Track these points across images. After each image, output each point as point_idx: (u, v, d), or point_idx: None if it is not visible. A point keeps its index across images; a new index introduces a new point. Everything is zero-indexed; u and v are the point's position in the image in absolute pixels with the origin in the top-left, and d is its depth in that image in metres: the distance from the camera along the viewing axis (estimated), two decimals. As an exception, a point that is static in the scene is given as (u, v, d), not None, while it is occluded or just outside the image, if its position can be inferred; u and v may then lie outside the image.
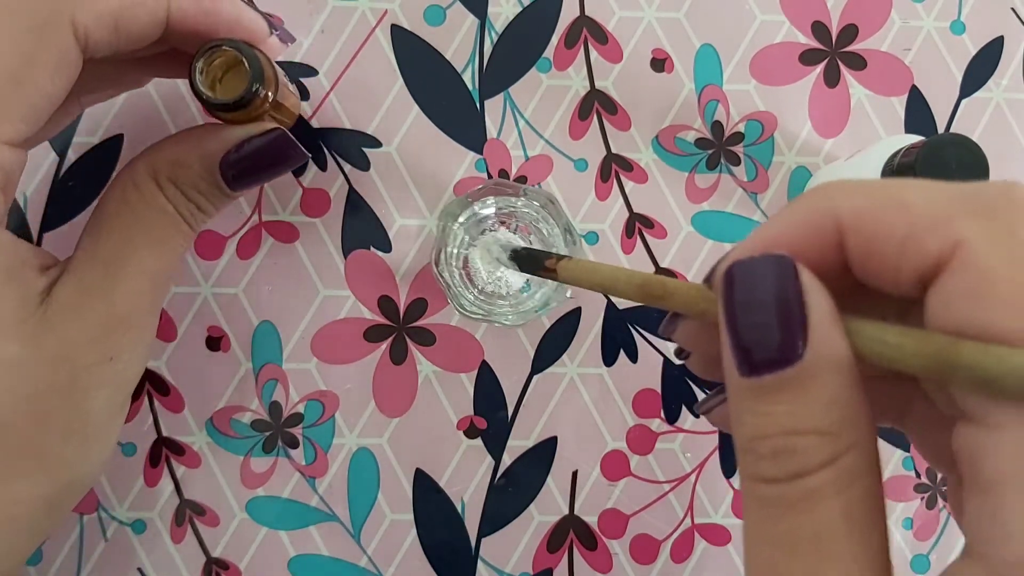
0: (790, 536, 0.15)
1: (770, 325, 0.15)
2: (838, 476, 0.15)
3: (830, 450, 0.15)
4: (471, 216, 0.29)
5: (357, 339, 0.33)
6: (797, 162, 0.34)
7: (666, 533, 0.33)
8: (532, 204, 0.29)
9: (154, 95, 0.34)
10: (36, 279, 0.24)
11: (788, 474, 0.15)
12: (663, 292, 0.19)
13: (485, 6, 0.35)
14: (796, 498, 0.15)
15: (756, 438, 0.15)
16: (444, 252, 0.28)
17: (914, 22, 0.35)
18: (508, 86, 0.34)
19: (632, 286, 0.21)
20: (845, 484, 0.15)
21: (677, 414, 0.34)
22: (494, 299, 0.30)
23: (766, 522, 0.15)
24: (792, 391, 0.15)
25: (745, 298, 0.15)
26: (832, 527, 0.15)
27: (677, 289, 0.19)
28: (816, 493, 0.15)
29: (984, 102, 0.35)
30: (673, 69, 0.35)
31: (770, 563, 0.15)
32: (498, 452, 0.33)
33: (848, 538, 0.15)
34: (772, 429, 0.15)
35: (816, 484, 0.15)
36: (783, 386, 0.15)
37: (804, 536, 0.15)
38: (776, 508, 0.15)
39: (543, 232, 0.30)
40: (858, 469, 0.15)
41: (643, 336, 0.34)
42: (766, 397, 0.15)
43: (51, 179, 0.34)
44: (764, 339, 0.15)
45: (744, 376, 0.15)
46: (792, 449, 0.15)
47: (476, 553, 0.33)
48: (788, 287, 0.15)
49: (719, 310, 0.16)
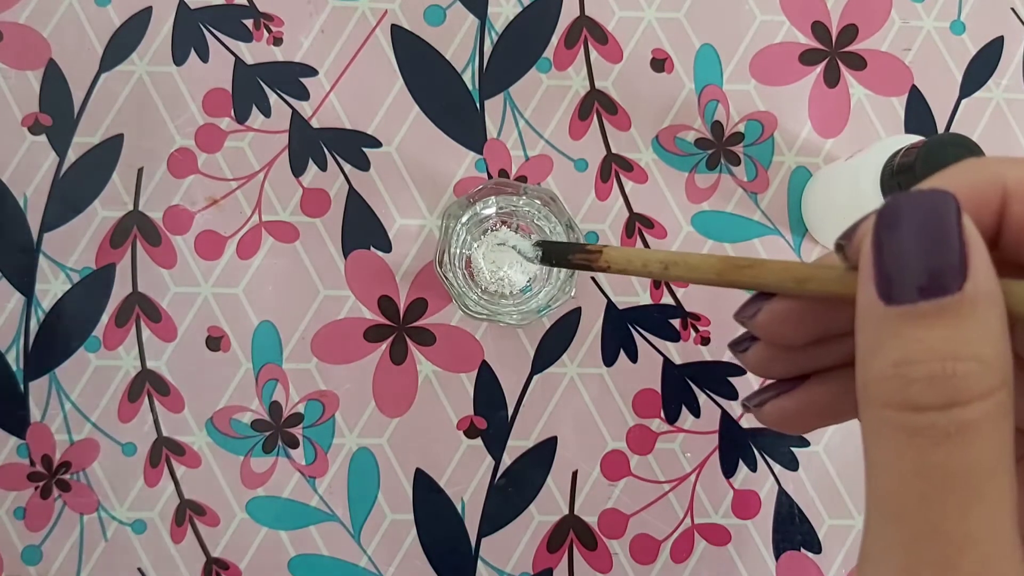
0: (943, 468, 0.14)
1: (932, 252, 0.15)
2: (996, 409, 0.14)
3: (989, 381, 0.14)
4: (473, 216, 0.29)
5: (357, 339, 0.33)
6: (797, 162, 0.34)
7: (666, 533, 0.33)
8: (533, 203, 0.29)
9: (154, 95, 0.34)
10: None
11: (945, 401, 0.14)
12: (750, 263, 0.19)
13: (485, 6, 0.35)
14: (952, 429, 0.14)
15: (906, 363, 0.15)
16: (448, 253, 0.28)
17: (914, 22, 0.35)
18: (508, 86, 0.34)
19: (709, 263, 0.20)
20: (999, 420, 0.14)
21: (677, 414, 0.34)
22: (497, 299, 0.30)
23: (914, 452, 0.15)
24: (951, 318, 0.14)
25: (906, 225, 0.15)
26: (986, 464, 0.14)
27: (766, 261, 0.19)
28: (974, 425, 0.14)
29: (984, 102, 0.35)
30: (673, 69, 0.35)
31: (919, 495, 0.14)
32: (498, 452, 0.33)
33: (1000, 477, 0.14)
34: (927, 354, 0.15)
35: (974, 416, 0.14)
36: (942, 312, 0.15)
37: (959, 469, 0.14)
38: (927, 438, 0.14)
39: (545, 231, 0.30)
40: (1008, 408, 0.15)
41: (643, 336, 0.34)
42: (920, 322, 0.15)
43: (51, 179, 0.34)
44: (922, 266, 0.15)
45: (893, 303, 0.15)
46: (952, 374, 0.14)
47: (476, 553, 0.33)
48: (952, 218, 0.15)
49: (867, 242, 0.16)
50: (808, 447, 0.34)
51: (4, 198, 0.34)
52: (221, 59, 0.34)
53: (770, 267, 0.19)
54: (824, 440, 0.34)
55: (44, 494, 0.33)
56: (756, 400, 0.22)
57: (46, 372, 0.33)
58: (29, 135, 0.34)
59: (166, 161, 0.34)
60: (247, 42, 0.34)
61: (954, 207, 0.15)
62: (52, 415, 0.33)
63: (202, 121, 0.34)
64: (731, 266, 0.19)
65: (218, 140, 0.34)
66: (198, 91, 0.34)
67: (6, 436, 0.33)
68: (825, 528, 0.33)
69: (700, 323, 0.34)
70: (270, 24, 0.34)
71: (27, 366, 0.33)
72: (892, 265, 0.15)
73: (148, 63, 0.34)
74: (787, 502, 0.33)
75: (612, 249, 0.23)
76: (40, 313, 0.33)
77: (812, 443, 0.34)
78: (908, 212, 0.15)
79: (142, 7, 0.34)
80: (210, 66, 0.34)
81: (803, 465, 0.34)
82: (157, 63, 0.34)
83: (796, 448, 0.34)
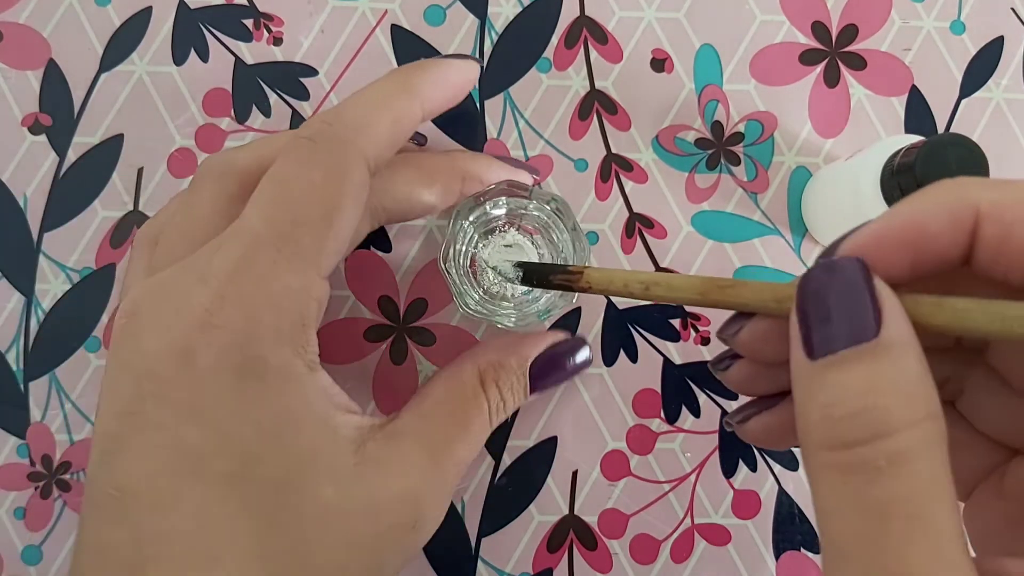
0: (879, 502, 0.15)
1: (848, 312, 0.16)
2: (924, 437, 0.15)
3: (912, 412, 0.15)
4: (482, 215, 0.29)
5: (357, 339, 0.33)
6: (797, 162, 0.34)
7: (666, 533, 0.33)
8: (544, 208, 0.29)
9: (154, 95, 0.34)
10: (348, 430, 0.25)
11: (869, 434, 0.15)
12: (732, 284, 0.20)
13: (485, 6, 0.35)
14: (882, 461, 0.15)
15: (831, 404, 0.16)
16: (453, 249, 0.28)
17: (914, 22, 0.35)
18: (508, 86, 0.34)
19: (691, 283, 0.20)
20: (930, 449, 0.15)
21: (677, 414, 0.34)
22: (498, 300, 0.30)
23: (850, 489, 0.15)
24: (869, 361, 0.16)
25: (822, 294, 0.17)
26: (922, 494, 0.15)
27: (747, 283, 0.19)
28: (902, 456, 0.15)
29: (984, 102, 0.35)
30: (673, 69, 0.35)
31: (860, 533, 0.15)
32: (498, 452, 0.33)
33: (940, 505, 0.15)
34: (849, 393, 0.16)
35: (901, 446, 0.15)
36: (860, 356, 0.16)
37: (896, 500, 0.15)
38: (861, 474, 0.15)
39: (552, 236, 0.30)
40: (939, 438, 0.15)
41: (643, 336, 0.34)
42: (842, 367, 0.16)
43: (51, 179, 0.34)
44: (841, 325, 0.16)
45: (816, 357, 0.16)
46: (873, 407, 0.15)
47: (476, 553, 0.33)
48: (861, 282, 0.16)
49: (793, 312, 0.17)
50: (808, 447, 0.34)
51: (4, 198, 0.34)
52: (221, 59, 0.34)
53: (751, 287, 0.20)
54: (824, 440, 0.34)
55: (44, 494, 0.33)
56: (739, 417, 0.23)
57: (46, 372, 0.33)
58: (29, 135, 0.34)
59: (166, 161, 0.34)
60: (247, 42, 0.34)
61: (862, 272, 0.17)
62: (52, 415, 0.33)
63: (202, 121, 0.34)
64: (713, 287, 0.20)
65: (218, 140, 0.34)
66: (198, 91, 0.34)
67: (6, 436, 0.33)
68: (825, 528, 0.33)
69: (700, 323, 0.34)
70: (270, 24, 0.34)
71: (27, 366, 0.33)
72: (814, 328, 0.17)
73: (148, 63, 0.34)
74: (787, 502, 0.33)
75: (593, 270, 0.24)
76: (40, 313, 0.33)
77: (812, 443, 0.34)
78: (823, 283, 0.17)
79: (142, 7, 0.34)
80: (210, 66, 0.34)
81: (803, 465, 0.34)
82: (157, 63, 0.34)
83: (796, 448, 0.34)
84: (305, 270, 0.23)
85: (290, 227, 0.23)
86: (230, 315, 0.23)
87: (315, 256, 0.23)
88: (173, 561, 0.22)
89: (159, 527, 0.22)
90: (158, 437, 0.23)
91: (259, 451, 0.23)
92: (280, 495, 0.23)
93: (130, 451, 0.23)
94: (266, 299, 0.23)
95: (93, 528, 0.23)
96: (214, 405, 0.23)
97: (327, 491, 0.23)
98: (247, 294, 0.23)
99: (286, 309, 0.23)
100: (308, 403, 0.24)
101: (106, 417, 0.24)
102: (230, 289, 0.23)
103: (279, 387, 0.23)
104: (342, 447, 0.24)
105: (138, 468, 0.23)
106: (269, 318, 0.23)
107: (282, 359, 0.23)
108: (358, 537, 0.24)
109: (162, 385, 0.23)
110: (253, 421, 0.23)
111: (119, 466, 0.23)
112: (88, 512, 0.24)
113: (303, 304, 0.23)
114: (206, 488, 0.23)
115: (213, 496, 0.23)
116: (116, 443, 0.23)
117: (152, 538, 0.22)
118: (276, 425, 0.23)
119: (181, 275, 0.24)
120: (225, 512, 0.23)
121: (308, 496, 0.23)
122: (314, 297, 0.24)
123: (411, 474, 0.25)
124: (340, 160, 0.24)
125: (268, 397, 0.23)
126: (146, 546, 0.22)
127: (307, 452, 0.23)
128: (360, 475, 0.24)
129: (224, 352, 0.23)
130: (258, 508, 0.23)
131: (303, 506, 0.23)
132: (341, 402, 0.25)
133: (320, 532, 0.23)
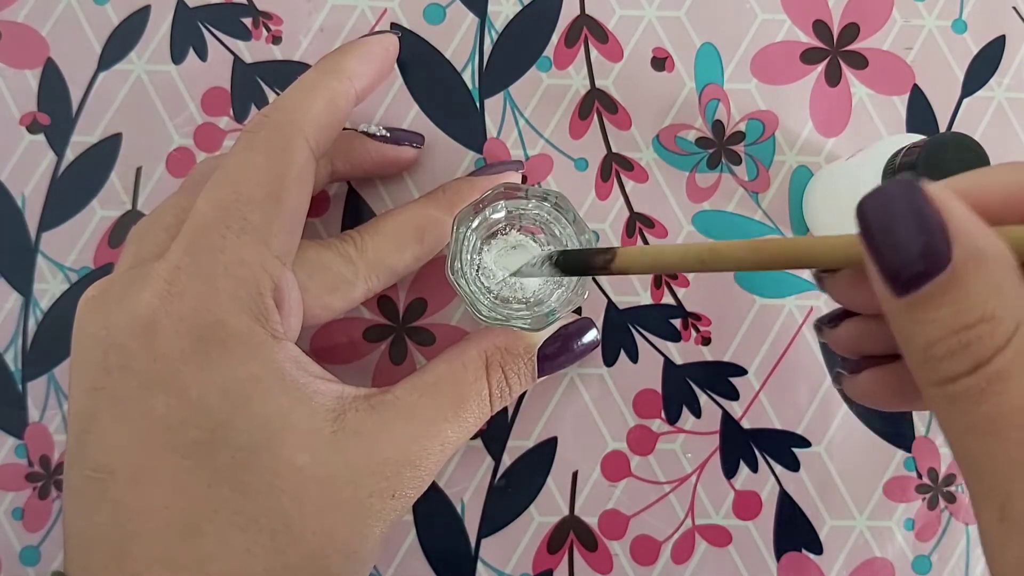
0: (989, 418, 0.16)
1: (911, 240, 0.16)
2: (1017, 353, 0.15)
3: (1002, 333, 0.16)
4: (483, 221, 0.28)
5: (357, 339, 0.33)
6: (798, 161, 0.34)
7: (667, 534, 0.33)
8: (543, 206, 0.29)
9: (152, 94, 0.34)
10: (324, 398, 0.25)
11: (970, 366, 0.16)
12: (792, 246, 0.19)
13: (485, 5, 0.34)
14: (985, 384, 0.16)
15: (929, 345, 0.16)
16: (460, 259, 0.28)
17: (915, 21, 0.35)
18: (508, 85, 0.34)
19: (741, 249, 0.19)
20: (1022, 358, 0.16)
21: (678, 414, 0.33)
22: (510, 303, 0.30)
23: (963, 415, 0.16)
24: (950, 292, 0.16)
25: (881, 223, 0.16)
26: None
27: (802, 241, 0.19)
28: (1002, 374, 0.15)
29: (986, 101, 0.35)
30: (674, 68, 0.34)
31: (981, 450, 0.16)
32: (498, 452, 0.33)
33: None
34: (942, 332, 0.16)
35: (999, 366, 0.15)
36: (941, 291, 0.16)
37: (1005, 413, 0.15)
38: (969, 399, 0.16)
39: (554, 231, 0.29)
40: None
41: (643, 336, 0.34)
42: (928, 305, 0.16)
43: (49, 179, 0.33)
44: (909, 255, 0.16)
45: (900, 296, 0.16)
46: (966, 343, 0.16)
47: (476, 554, 0.33)
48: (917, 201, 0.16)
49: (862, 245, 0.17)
50: (809, 447, 0.34)
51: (2, 198, 0.33)
52: (220, 58, 0.34)
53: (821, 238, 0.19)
54: (825, 440, 0.33)
55: (42, 494, 0.33)
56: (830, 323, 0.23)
57: (45, 372, 0.33)
58: (27, 134, 0.34)
59: (165, 160, 0.34)
60: (246, 41, 0.34)
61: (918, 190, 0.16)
62: (51, 415, 0.33)
63: (201, 120, 0.34)
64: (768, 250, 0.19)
65: (217, 139, 0.34)
66: (197, 90, 0.34)
67: (4, 436, 0.33)
68: (826, 529, 0.33)
69: (701, 323, 0.34)
70: (269, 23, 0.34)
71: (25, 366, 0.33)
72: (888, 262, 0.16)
73: (146, 62, 0.34)
74: (788, 503, 0.33)
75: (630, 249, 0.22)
76: (38, 313, 0.33)
77: (813, 443, 0.34)
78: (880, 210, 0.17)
79: (140, 6, 0.34)
80: (209, 65, 0.34)
81: (804, 466, 0.33)
82: (155, 62, 0.34)
83: (797, 449, 0.34)
84: (256, 244, 0.24)
85: (236, 205, 0.24)
86: (187, 283, 0.24)
87: (264, 233, 0.24)
88: (154, 535, 0.23)
89: (138, 503, 0.23)
90: (127, 409, 0.23)
91: (228, 418, 0.23)
92: (253, 462, 0.23)
93: (101, 427, 0.23)
94: (222, 269, 0.24)
95: (75, 515, 0.24)
96: (177, 372, 0.23)
97: (301, 457, 0.23)
98: (203, 263, 0.24)
99: (241, 278, 0.24)
100: (276, 370, 0.24)
101: (76, 394, 0.24)
102: (186, 260, 0.24)
103: (243, 353, 0.24)
104: (317, 414, 0.24)
105: (111, 443, 0.23)
106: (225, 284, 0.24)
107: (242, 324, 0.24)
108: (338, 503, 0.24)
109: (126, 356, 0.23)
110: (219, 388, 0.23)
111: (93, 444, 0.23)
112: (69, 500, 0.24)
113: (258, 274, 0.24)
114: (179, 458, 0.23)
115: (186, 466, 0.23)
116: (88, 421, 0.23)
117: (132, 514, 0.23)
118: (243, 392, 0.23)
119: (146, 260, 0.25)
120: (199, 481, 0.23)
121: (283, 463, 0.23)
122: (268, 271, 0.24)
123: (390, 446, 0.25)
124: (280, 142, 0.25)
125: (232, 364, 0.23)
126: (127, 523, 0.23)
127: (277, 418, 0.24)
128: (336, 442, 0.24)
129: (183, 318, 0.23)
130: (231, 476, 0.23)
131: (278, 473, 0.23)
132: (316, 371, 0.25)
133: (297, 499, 0.23)
